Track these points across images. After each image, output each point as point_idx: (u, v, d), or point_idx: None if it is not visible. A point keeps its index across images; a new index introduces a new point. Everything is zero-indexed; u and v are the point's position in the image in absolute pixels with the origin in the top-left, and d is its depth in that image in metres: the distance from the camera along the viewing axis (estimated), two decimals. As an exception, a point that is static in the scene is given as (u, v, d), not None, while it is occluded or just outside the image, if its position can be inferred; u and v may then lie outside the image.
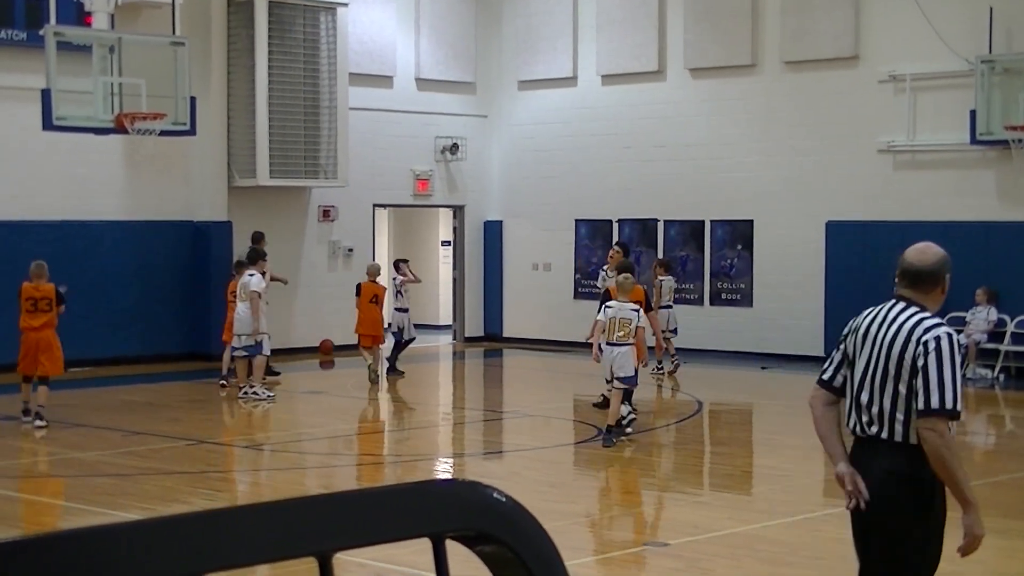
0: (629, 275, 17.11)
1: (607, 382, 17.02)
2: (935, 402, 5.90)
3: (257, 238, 24.03)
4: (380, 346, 23.96)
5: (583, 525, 12.16)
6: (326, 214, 28.39)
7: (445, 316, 32.02)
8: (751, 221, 27.47)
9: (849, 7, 26.15)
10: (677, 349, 24.77)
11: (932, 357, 6.00)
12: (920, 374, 5.99)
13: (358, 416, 21.25)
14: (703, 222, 28.17)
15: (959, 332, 23.03)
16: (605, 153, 29.32)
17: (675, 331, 24.64)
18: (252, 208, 27.05)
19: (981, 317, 24.22)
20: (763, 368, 25.61)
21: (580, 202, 29.76)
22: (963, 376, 6.54)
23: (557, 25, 30.16)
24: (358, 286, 24.16)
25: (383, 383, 23.44)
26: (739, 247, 27.70)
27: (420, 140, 30.05)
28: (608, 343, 16.49)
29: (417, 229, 33.79)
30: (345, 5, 27.40)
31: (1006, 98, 24.19)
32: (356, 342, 24.18)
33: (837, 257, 25.94)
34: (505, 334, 30.79)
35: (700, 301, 28.16)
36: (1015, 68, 24.21)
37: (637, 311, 16.57)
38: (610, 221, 29.48)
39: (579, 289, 29.67)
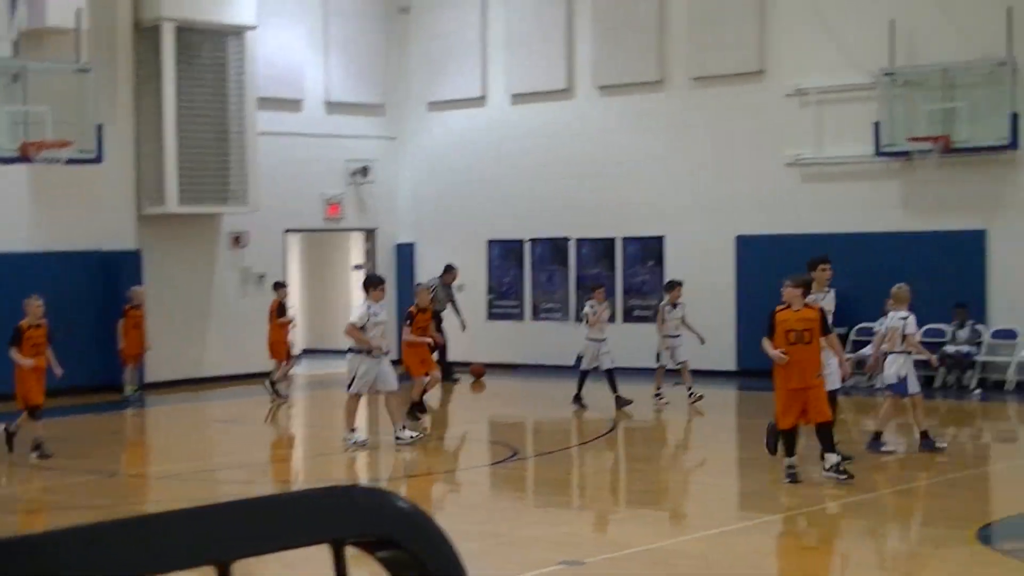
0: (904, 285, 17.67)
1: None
2: None
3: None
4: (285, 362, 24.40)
5: (500, 545, 12.13)
6: (237, 240, 28.21)
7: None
8: (662, 237, 27.63)
9: (754, 23, 26.41)
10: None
11: None
12: None
13: (271, 444, 21.12)
14: (614, 239, 28.30)
15: (867, 342, 23.33)
16: (516, 173, 29.38)
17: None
18: (162, 236, 26.82)
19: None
20: (676, 384, 25.68)
21: (492, 222, 29.79)
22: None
23: (465, 46, 30.22)
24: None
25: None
26: (650, 263, 27.84)
27: (330, 164, 29.96)
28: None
29: (329, 253, 33.68)
30: (253, 29, 27.29)
31: (909, 110, 24.51)
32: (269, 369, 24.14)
33: (747, 270, 26.14)
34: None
35: (612, 318, 28.21)
36: (916, 81, 24.54)
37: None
38: (521, 241, 29.54)
39: (492, 310, 29.69)
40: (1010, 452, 18.71)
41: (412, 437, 18.44)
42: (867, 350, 24.38)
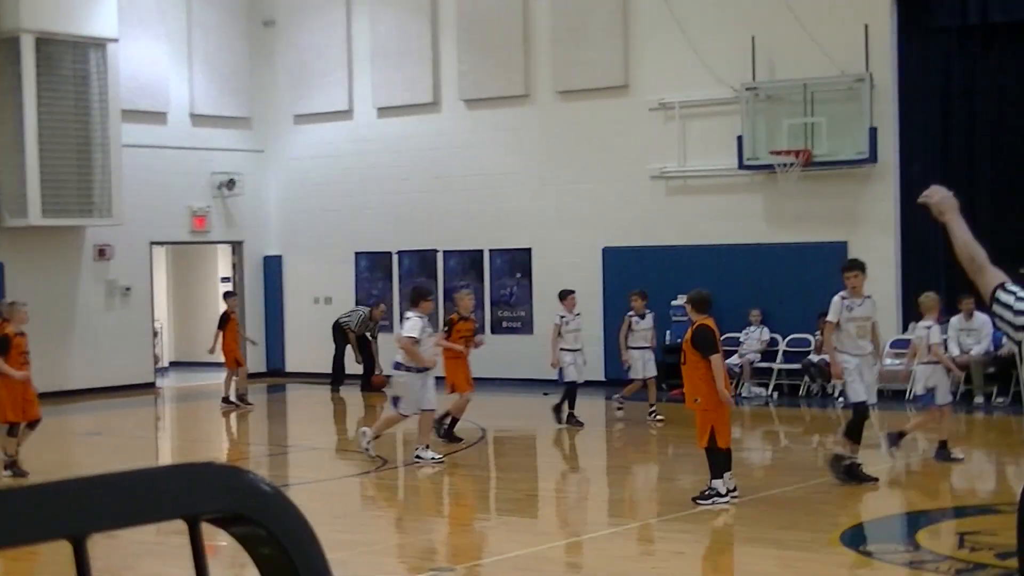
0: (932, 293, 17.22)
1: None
2: None
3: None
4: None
5: (369, 554, 12.12)
6: (102, 253, 27.88)
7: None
8: (529, 249, 27.77)
9: (618, 38, 26.66)
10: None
11: None
12: None
13: (137, 458, 20.88)
14: (482, 252, 28.40)
15: (734, 353, 23.64)
16: (383, 186, 29.37)
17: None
18: (25, 249, 26.44)
19: (754, 337, 24.86)
20: (545, 394, 25.82)
21: (359, 235, 29.74)
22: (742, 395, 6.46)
23: (331, 59, 30.15)
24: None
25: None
26: (518, 275, 27.98)
27: (196, 176, 29.73)
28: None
29: (196, 266, 33.41)
30: (115, 41, 27.00)
31: (770, 124, 24.90)
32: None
33: (614, 282, 26.34)
34: (288, 369, 30.59)
35: (481, 330, 28.31)
36: (778, 95, 24.94)
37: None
38: (390, 253, 29.53)
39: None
40: (871, 458, 19.03)
41: (434, 459, 17.27)
42: (736, 360, 24.76)
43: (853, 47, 24.22)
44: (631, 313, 21.64)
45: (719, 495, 13.84)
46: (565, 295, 21.55)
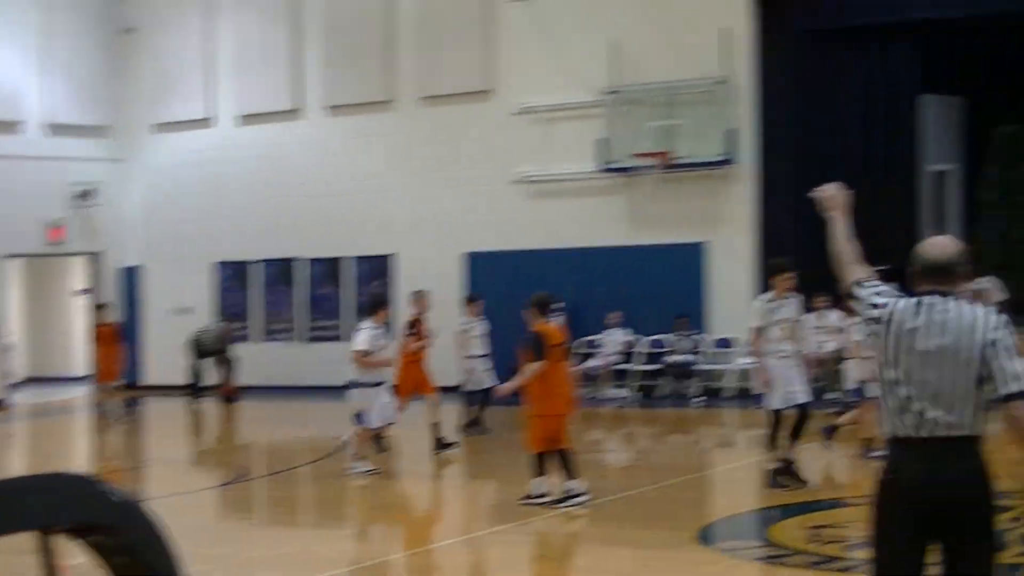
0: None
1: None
2: (1018, 387, 5.94)
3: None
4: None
5: (227, 567, 11.94)
6: (-50, 266, 27.31)
7: (83, 366, 31.12)
8: (391, 256, 27.66)
9: (480, 43, 26.66)
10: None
11: (1004, 345, 6.02)
12: (995, 363, 5.99)
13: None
14: (344, 259, 28.23)
15: (592, 355, 23.70)
16: (245, 194, 29.09)
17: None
18: None
19: (614, 339, 24.95)
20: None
21: (221, 244, 29.44)
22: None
23: (191, 66, 29.82)
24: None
25: None
26: (381, 282, 27.83)
27: (53, 187, 29.22)
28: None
29: (52, 278, 32.86)
30: (-35, 49, 26.48)
31: (632, 127, 25.05)
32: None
33: (478, 287, 26.25)
34: (149, 381, 30.16)
35: (342, 338, 28.19)
36: (638, 99, 25.08)
37: None
38: (251, 262, 29.26)
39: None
40: (729, 456, 19.22)
41: (370, 471, 16.69)
42: (596, 362, 24.82)
43: (712, 50, 24.45)
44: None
45: (574, 496, 13.77)
46: (471, 300, 21.21)
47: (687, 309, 24.63)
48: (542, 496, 13.83)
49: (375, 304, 17.08)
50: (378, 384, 16.53)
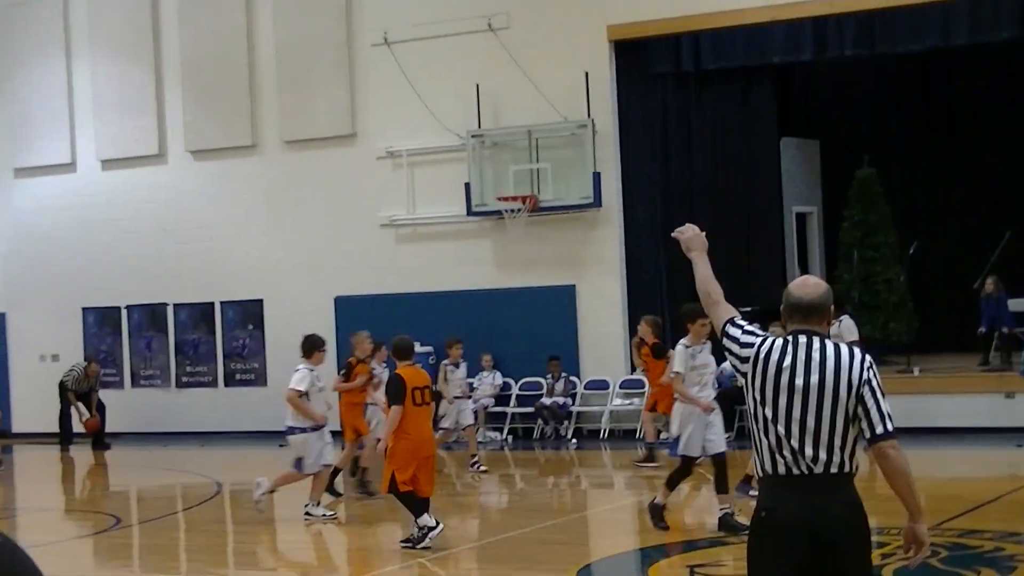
0: None
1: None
2: (889, 426, 6.10)
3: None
4: None
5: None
6: None
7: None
8: (261, 300, 27.64)
9: (344, 87, 26.79)
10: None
11: (874, 384, 6.16)
12: (867, 402, 6.12)
13: None
14: (213, 304, 28.15)
15: (470, 398, 23.87)
16: (110, 239, 28.86)
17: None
18: None
19: (488, 382, 25.15)
20: (281, 445, 25.66)
21: (87, 290, 29.16)
22: None
23: (52, 110, 29.55)
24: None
25: None
26: (251, 327, 27.81)
27: (-88, 233, 28.74)
28: None
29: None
30: None
31: (496, 170, 25.31)
32: None
33: (347, 331, 26.29)
34: (15, 429, 29.74)
35: (215, 383, 28.10)
36: (503, 142, 25.37)
37: None
38: (119, 308, 29.03)
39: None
40: (606, 497, 19.47)
41: (325, 515, 16.40)
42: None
43: (575, 94, 24.79)
44: (446, 362, 21.15)
45: (431, 528, 13.76)
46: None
47: (559, 351, 24.91)
48: (425, 533, 13.84)
49: (312, 346, 16.40)
50: (317, 428, 16.18)
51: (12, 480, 25.46)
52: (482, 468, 20.19)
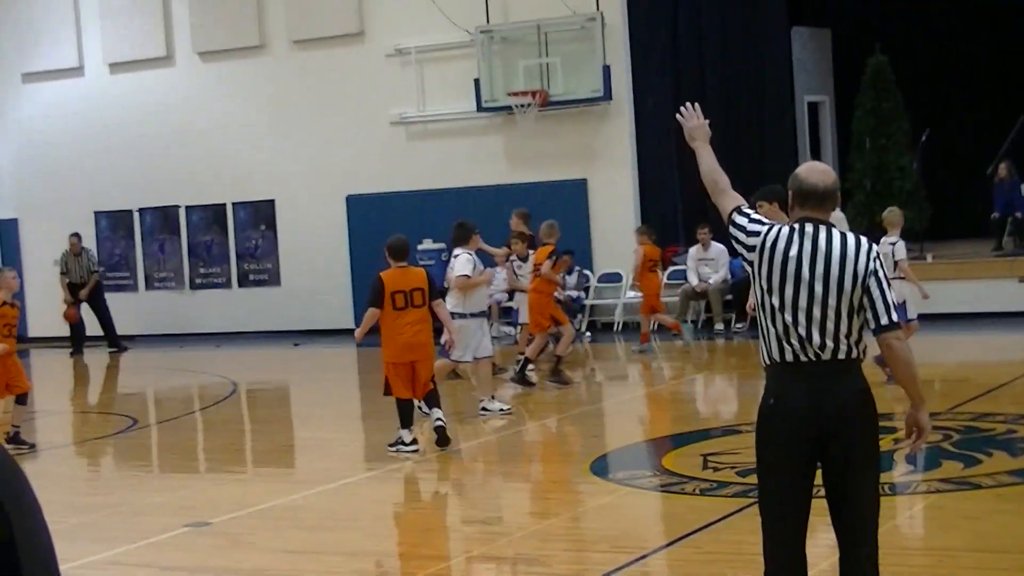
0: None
1: None
2: (894, 316, 6.11)
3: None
4: None
5: (122, 514, 12.00)
6: None
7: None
8: (272, 201, 27.61)
9: (351, -16, 26.56)
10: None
11: (880, 275, 6.16)
12: (872, 293, 6.12)
13: None
14: (225, 205, 28.13)
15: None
16: (120, 143, 28.79)
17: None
18: None
19: (500, 277, 25.11)
20: (296, 344, 25.86)
21: (98, 194, 29.14)
22: None
23: (58, 14, 29.38)
24: None
25: None
26: (263, 228, 27.80)
27: (-82, 142, 28.72)
28: None
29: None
30: None
31: (506, 66, 25.16)
32: None
33: (359, 230, 26.38)
34: (30, 334, 29.84)
35: (228, 284, 28.16)
36: (512, 37, 25.19)
37: None
38: (131, 211, 29.04)
39: (104, 282, 29.02)
40: (620, 389, 19.54)
41: (502, 409, 15.89)
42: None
43: (584, -13, 24.56)
44: (513, 258, 20.17)
45: (403, 444, 13.66)
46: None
47: (572, 245, 24.86)
48: (411, 444, 13.69)
49: (467, 231, 16.01)
50: (477, 315, 15.88)
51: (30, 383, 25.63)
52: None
